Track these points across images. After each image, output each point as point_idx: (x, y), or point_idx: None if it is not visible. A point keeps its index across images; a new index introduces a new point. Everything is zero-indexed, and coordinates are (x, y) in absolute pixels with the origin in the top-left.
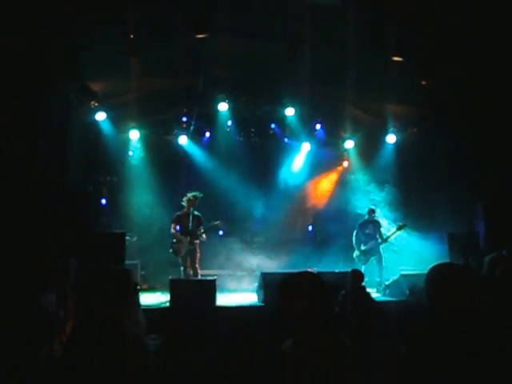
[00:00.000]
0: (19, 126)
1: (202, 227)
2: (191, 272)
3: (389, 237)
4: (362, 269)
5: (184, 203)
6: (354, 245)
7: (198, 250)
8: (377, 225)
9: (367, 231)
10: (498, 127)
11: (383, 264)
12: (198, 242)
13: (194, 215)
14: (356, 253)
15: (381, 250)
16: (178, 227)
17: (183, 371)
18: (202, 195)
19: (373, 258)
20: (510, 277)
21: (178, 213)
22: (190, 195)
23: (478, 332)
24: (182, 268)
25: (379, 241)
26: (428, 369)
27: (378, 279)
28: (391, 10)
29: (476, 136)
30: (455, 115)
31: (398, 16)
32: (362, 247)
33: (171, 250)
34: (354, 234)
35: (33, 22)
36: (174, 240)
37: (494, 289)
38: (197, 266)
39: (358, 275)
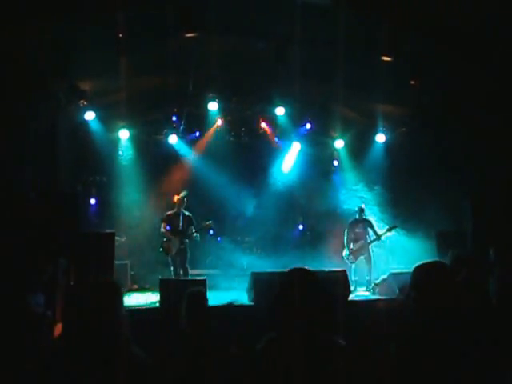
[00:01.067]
0: (7, 125)
1: (192, 227)
2: (181, 272)
3: (379, 237)
4: (352, 267)
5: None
6: (345, 244)
7: (188, 250)
8: (367, 224)
9: (357, 230)
10: (485, 126)
11: (372, 263)
12: (188, 241)
13: (184, 215)
14: (345, 252)
15: (370, 249)
16: (168, 227)
17: (174, 372)
18: (187, 192)
19: (362, 257)
20: (473, 282)
21: (169, 212)
22: (176, 196)
23: (461, 331)
24: (172, 268)
25: (369, 240)
26: (414, 368)
27: (368, 278)
28: (381, 10)
29: (464, 135)
30: (444, 115)
31: (387, 16)
32: (352, 246)
33: (161, 249)
34: (345, 232)
35: (21, 21)
36: (165, 239)
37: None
38: (187, 265)
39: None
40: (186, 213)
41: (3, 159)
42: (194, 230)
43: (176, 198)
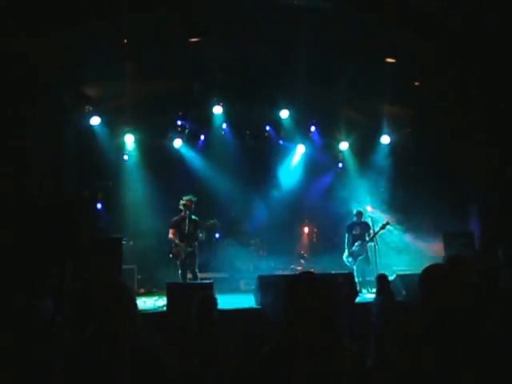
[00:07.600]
0: (13, 131)
1: (199, 230)
2: (190, 276)
3: (374, 235)
4: (354, 269)
5: (181, 207)
6: (345, 246)
7: (196, 253)
8: (364, 226)
9: (354, 232)
10: (491, 127)
11: (370, 263)
12: (196, 244)
13: (190, 219)
14: (345, 254)
15: (367, 250)
16: (175, 232)
17: (182, 375)
18: (196, 198)
19: (361, 258)
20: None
21: (175, 218)
22: (185, 199)
23: (468, 331)
24: (180, 271)
25: (366, 240)
26: (422, 368)
27: (368, 279)
28: (383, 12)
29: (470, 136)
30: (450, 115)
31: (390, 18)
32: (350, 249)
33: (171, 255)
34: (346, 236)
35: (27, 27)
36: (173, 244)
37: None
38: (196, 269)
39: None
40: (193, 217)
41: (10, 165)
42: (199, 232)
43: (182, 202)
